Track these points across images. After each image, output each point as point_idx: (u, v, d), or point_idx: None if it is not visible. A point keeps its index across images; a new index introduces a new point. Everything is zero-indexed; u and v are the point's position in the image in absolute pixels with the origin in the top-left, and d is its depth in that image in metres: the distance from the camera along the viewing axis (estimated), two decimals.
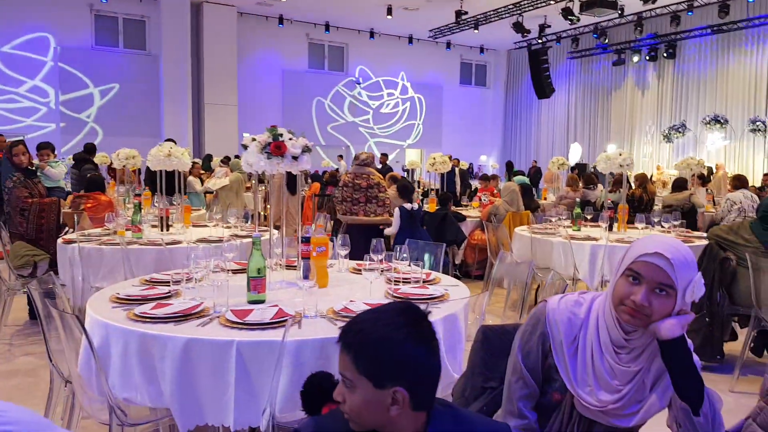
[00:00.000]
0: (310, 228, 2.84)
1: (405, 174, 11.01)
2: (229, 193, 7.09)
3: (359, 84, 16.68)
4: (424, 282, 2.65)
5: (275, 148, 2.55)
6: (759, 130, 14.01)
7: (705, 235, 4.47)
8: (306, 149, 2.66)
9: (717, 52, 14.83)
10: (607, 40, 15.50)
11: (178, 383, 1.92)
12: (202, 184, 7.96)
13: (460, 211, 6.26)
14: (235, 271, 2.93)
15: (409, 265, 2.78)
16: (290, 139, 2.62)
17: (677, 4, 13.43)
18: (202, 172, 8.95)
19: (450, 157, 9.24)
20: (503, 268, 3.01)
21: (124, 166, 5.82)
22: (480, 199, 7.06)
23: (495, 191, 7.74)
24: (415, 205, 4.75)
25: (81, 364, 2.11)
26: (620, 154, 4.84)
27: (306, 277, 2.38)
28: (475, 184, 10.65)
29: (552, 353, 1.42)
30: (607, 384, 1.36)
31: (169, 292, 2.45)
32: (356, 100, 16.79)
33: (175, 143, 6.42)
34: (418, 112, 17.86)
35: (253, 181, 7.06)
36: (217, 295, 2.29)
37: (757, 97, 14.12)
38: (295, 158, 2.62)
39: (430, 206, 5.94)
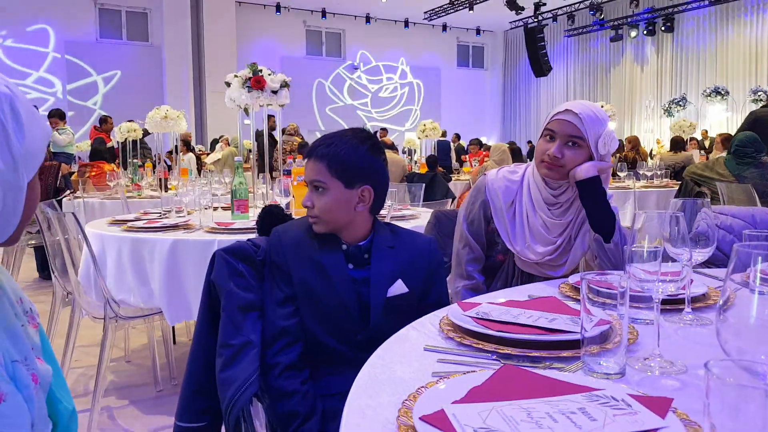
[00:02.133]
0: (292, 161, 3.03)
1: (405, 154, 11.17)
2: (223, 168, 7.26)
3: (357, 69, 16.82)
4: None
5: (255, 83, 2.73)
6: (760, 100, 13.95)
7: None
8: (284, 84, 2.83)
9: (716, 25, 14.76)
10: (603, 16, 15.50)
11: (167, 282, 2.12)
12: (202, 164, 8.17)
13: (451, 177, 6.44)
14: (224, 208, 3.12)
15: None
16: (269, 74, 2.80)
17: None
18: (203, 153, 9.17)
19: (445, 133, 9.41)
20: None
21: (126, 139, 6.03)
22: (471, 164, 7.21)
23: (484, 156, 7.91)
24: None
25: (81, 273, 2.31)
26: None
27: (286, 195, 2.56)
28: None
29: (493, 218, 1.59)
30: (542, 237, 1.53)
31: (160, 216, 2.65)
32: (356, 84, 16.93)
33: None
34: (416, 97, 17.94)
35: (251, 155, 7.26)
36: (204, 217, 2.49)
37: (759, 68, 14.05)
38: (274, 92, 2.80)
39: (421, 169, 6.12)
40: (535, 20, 15.87)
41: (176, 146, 5.94)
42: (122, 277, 2.20)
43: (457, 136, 11.83)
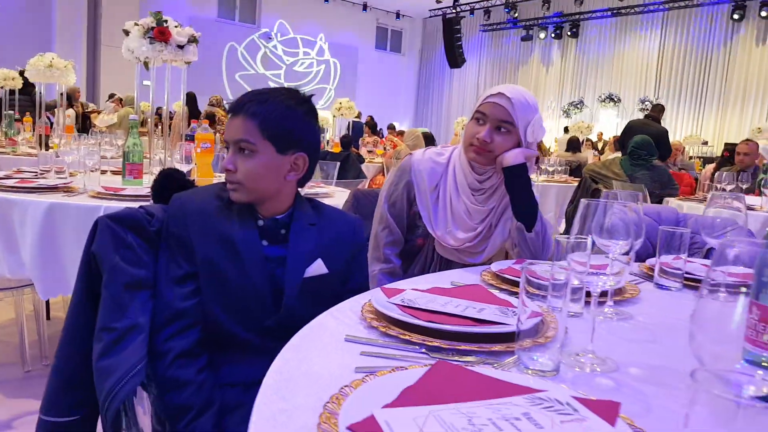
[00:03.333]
0: (195, 126, 2.79)
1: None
2: (118, 131, 6.66)
3: (272, 39, 16.19)
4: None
5: (159, 34, 2.46)
6: (646, 109, 15.18)
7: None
8: (192, 39, 2.58)
9: (615, 35, 15.80)
10: (517, 15, 16.05)
11: (40, 250, 1.85)
12: (92, 124, 7.46)
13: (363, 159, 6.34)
14: (114, 172, 2.83)
15: None
16: (176, 26, 2.54)
17: None
18: (95, 111, 8.38)
19: (359, 114, 9.31)
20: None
21: (2, 87, 5.33)
22: (384, 147, 7.18)
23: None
24: None
25: None
26: None
27: (187, 162, 2.33)
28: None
29: (416, 201, 1.52)
30: (463, 223, 1.48)
31: (36, 176, 2.32)
32: (271, 53, 16.30)
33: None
34: (332, 76, 17.62)
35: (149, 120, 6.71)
36: (89, 180, 2.21)
37: (647, 79, 15.26)
38: (180, 47, 2.54)
39: (334, 148, 5.97)
40: (454, 11, 16.12)
41: (63, 98, 5.33)
42: None
43: (371, 118, 11.77)
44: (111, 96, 8.27)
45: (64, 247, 1.87)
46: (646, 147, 4.18)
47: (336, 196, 2.56)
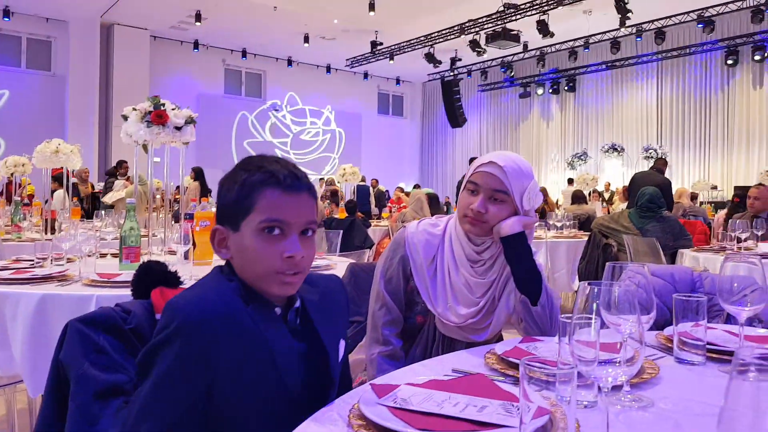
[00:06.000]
0: (195, 205, 2.78)
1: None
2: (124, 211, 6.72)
3: (277, 111, 16.67)
4: None
5: (156, 117, 2.49)
6: (651, 157, 15.23)
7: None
8: (190, 120, 2.61)
9: (612, 86, 16.12)
10: (513, 74, 16.46)
11: (31, 345, 1.79)
12: (100, 201, 7.57)
13: (370, 222, 6.34)
14: (114, 255, 2.79)
15: None
16: (173, 109, 2.57)
17: (574, 40, 14.54)
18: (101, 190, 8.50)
19: (364, 179, 9.41)
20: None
21: (12, 174, 5.44)
22: (390, 210, 7.18)
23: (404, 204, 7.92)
24: None
25: None
26: None
27: (185, 242, 2.30)
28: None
29: (413, 276, 1.44)
30: (465, 298, 1.40)
31: (32, 265, 2.29)
32: (280, 123, 16.75)
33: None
34: (337, 145, 17.97)
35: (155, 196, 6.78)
36: (85, 266, 2.17)
37: (649, 128, 15.42)
38: (178, 128, 2.57)
39: (340, 214, 5.97)
40: (451, 74, 16.58)
41: (73, 183, 5.43)
42: None
43: (376, 181, 11.89)
44: (120, 163, 8.28)
45: (55, 341, 1.80)
46: (659, 200, 4.10)
47: (338, 267, 2.49)
